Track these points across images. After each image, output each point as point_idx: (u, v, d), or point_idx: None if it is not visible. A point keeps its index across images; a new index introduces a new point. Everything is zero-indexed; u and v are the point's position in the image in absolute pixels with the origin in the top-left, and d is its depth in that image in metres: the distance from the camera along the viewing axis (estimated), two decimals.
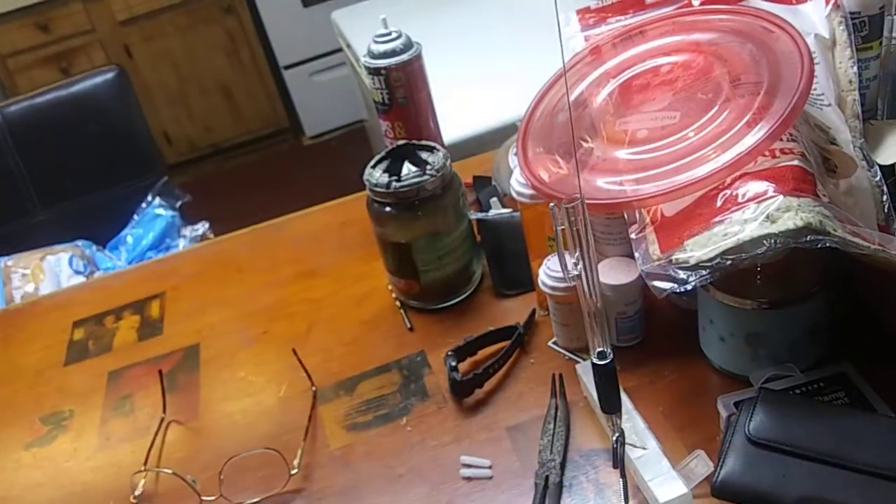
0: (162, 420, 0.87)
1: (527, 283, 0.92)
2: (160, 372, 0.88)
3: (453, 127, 1.24)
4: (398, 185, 0.87)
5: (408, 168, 0.88)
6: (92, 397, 0.95)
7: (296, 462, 0.78)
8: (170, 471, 0.78)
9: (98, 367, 0.99)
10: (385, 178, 0.87)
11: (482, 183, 1.12)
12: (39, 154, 1.62)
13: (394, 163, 0.90)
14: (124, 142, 1.65)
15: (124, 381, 0.96)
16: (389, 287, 0.98)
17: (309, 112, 3.39)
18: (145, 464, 0.82)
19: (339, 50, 3.15)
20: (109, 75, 1.64)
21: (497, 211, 1.03)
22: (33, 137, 1.62)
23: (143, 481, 0.80)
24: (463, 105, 1.46)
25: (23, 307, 1.26)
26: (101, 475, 0.85)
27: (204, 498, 0.76)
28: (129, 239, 1.53)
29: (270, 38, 3.21)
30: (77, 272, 1.43)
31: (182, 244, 1.53)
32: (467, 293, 0.96)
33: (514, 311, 0.92)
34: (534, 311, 0.90)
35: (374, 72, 0.99)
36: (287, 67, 3.27)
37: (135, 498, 0.78)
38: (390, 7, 1.25)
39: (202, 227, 1.57)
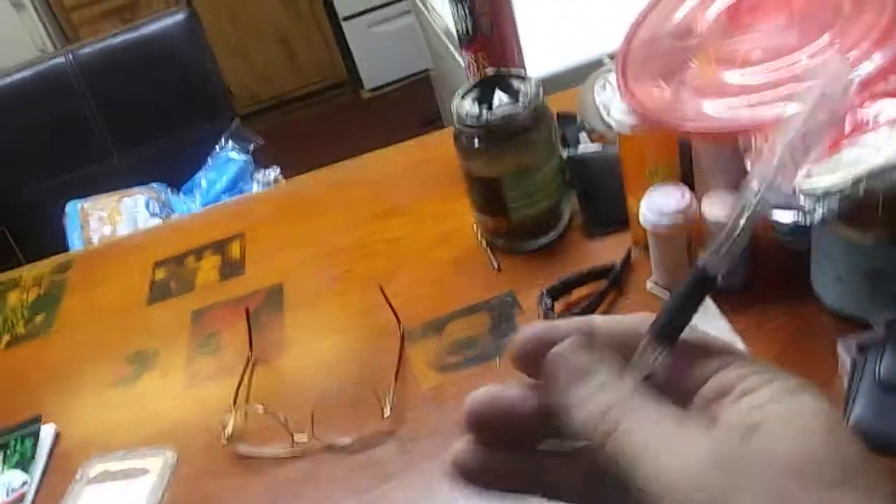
0: (249, 358, 0.86)
1: (620, 221, 0.87)
2: (247, 310, 0.87)
3: (535, 64, 1.19)
4: (490, 115, 0.82)
5: (499, 98, 0.84)
6: (177, 336, 0.94)
7: (388, 402, 0.75)
8: (261, 408, 0.77)
9: (181, 307, 0.99)
10: (476, 109, 0.83)
11: (567, 120, 1.07)
12: (111, 98, 1.61)
13: (483, 93, 0.86)
14: (195, 84, 1.64)
15: (208, 319, 0.95)
16: (474, 226, 0.95)
17: (368, 64, 3.34)
18: (234, 402, 0.80)
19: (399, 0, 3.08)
20: (179, 17, 1.61)
21: (587, 147, 0.98)
22: (104, 81, 1.61)
23: (232, 420, 0.78)
24: (543, 41, 1.39)
25: (102, 248, 1.26)
26: (190, 413, 0.84)
27: (296, 436, 0.74)
28: (203, 183, 1.52)
29: None
30: (153, 214, 1.43)
31: (255, 189, 1.52)
32: (556, 233, 0.92)
33: (603, 251, 0.88)
34: (630, 251, 0.85)
35: None
36: (346, 18, 3.22)
37: (226, 438, 0.77)
38: None
39: (274, 172, 1.55)
